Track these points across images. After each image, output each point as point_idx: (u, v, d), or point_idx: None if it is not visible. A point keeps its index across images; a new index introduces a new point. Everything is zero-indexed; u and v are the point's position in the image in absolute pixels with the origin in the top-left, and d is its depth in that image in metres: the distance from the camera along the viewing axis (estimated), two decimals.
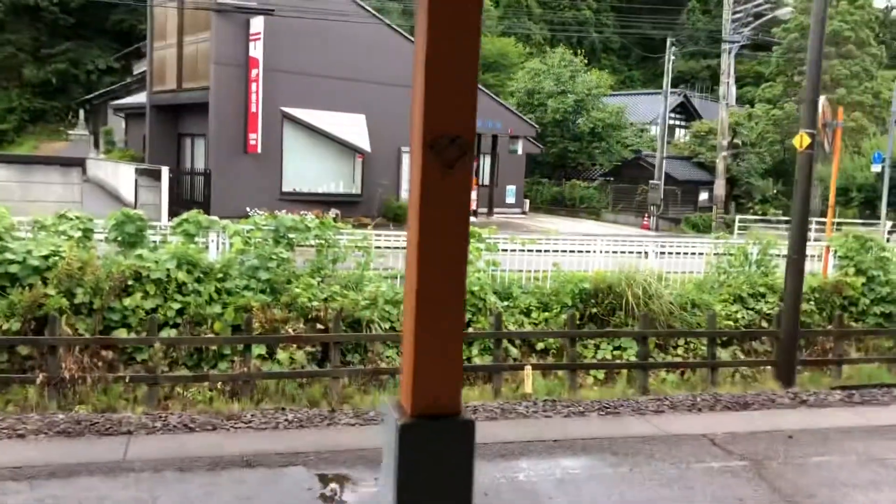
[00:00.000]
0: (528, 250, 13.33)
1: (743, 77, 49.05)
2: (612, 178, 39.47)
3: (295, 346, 10.14)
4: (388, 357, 10.83)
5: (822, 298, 13.74)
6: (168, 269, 10.28)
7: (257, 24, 23.48)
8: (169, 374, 9.29)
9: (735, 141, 34.90)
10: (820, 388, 10.18)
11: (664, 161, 35.00)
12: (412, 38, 27.64)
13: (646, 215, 34.07)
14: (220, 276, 10.81)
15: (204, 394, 9.24)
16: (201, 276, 10.66)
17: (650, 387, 10.49)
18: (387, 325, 11.15)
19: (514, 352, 11.44)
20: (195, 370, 9.77)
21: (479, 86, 26.91)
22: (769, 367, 11.23)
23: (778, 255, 14.40)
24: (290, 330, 10.29)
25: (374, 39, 26.07)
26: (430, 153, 1.87)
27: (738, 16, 26.09)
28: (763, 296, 13.45)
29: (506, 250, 13.21)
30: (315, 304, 10.78)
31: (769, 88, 41.83)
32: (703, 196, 37.69)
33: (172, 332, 10.06)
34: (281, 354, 10.10)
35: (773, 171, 40.04)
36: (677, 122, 45.72)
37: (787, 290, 10.78)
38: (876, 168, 28.75)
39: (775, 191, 39.91)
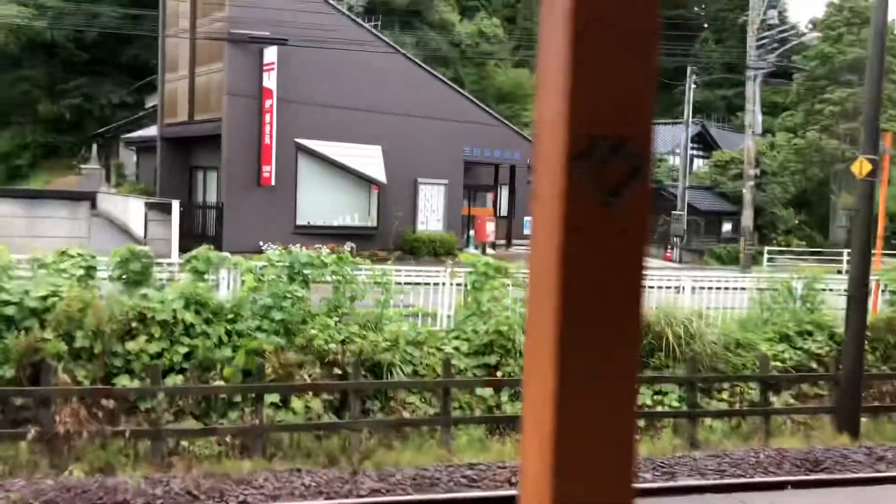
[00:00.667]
0: None
1: None
2: None
3: (311, 393, 9.32)
4: (410, 404, 10.00)
5: (875, 337, 12.77)
6: (175, 310, 9.54)
7: (271, 54, 22.98)
8: (173, 429, 8.47)
9: (755, 171, 34.09)
10: (888, 440, 9.22)
11: (686, 192, 34.19)
12: (428, 69, 27.18)
13: (668, 247, 33.18)
14: (230, 316, 10.06)
15: (212, 448, 8.42)
16: (210, 317, 9.92)
17: (698, 436, 9.58)
18: (409, 369, 10.34)
19: None
20: (203, 420, 8.96)
21: (496, 114, 26.01)
22: (826, 414, 10.28)
23: (824, 290, 13.52)
24: (305, 376, 9.48)
25: (390, 69, 25.54)
26: (578, 170, 1.04)
27: (762, 42, 25.44)
28: (811, 334, 12.52)
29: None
30: (332, 346, 9.98)
31: (790, 117, 41.10)
32: (727, 227, 36.75)
33: (179, 378, 9.28)
34: (295, 403, 9.28)
35: (796, 201, 39.16)
36: (695, 152, 44.95)
37: (848, 329, 9.88)
38: None
39: (797, 221, 39.00)
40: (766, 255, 29.47)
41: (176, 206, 20.96)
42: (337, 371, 9.73)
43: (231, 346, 9.72)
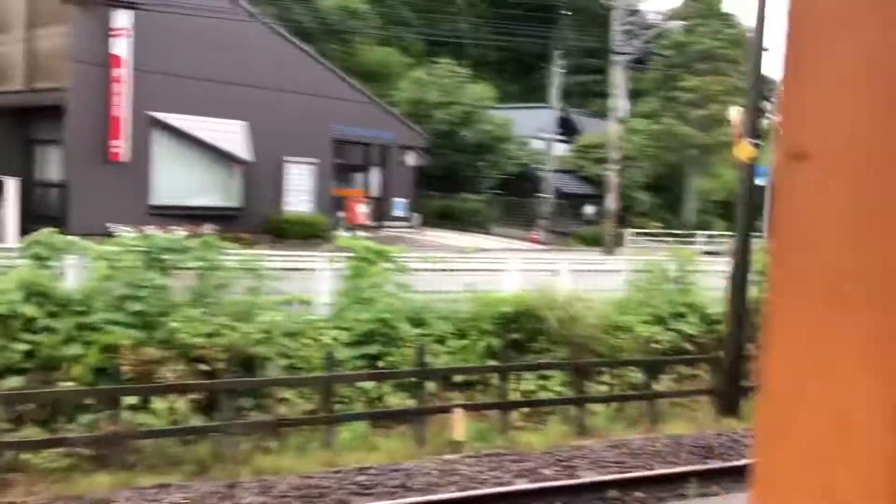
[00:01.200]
0: (441, 270, 12.06)
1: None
2: (500, 192, 39.00)
3: (176, 393, 8.40)
4: (286, 401, 9.25)
5: None
6: (12, 302, 8.34)
7: (121, 18, 21.11)
8: (11, 440, 7.34)
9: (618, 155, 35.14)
10: None
11: (551, 175, 34.83)
12: (296, 43, 25.91)
13: (535, 229, 33.70)
14: (80, 308, 8.97)
15: (60, 461, 7.36)
16: (56, 309, 8.81)
17: (586, 423, 9.42)
18: (285, 363, 9.58)
19: (430, 386, 10.11)
20: (48, 428, 7.86)
21: (366, 92, 25.18)
22: (706, 396, 10.43)
23: (694, 272, 13.84)
24: (168, 374, 8.54)
25: (256, 42, 24.16)
26: None
27: (627, 29, 26.07)
28: (683, 315, 12.74)
29: (416, 270, 11.88)
30: (198, 339, 9.06)
31: (647, 103, 42.65)
32: (590, 209, 37.79)
33: (18, 380, 8.12)
34: (158, 404, 8.33)
35: (652, 184, 40.84)
36: (559, 137, 46.00)
37: (731, 313, 10.03)
38: (760, 181, 29.46)
39: (653, 203, 40.71)
40: (627, 237, 30.47)
41: (12, 183, 18.90)
42: (204, 367, 8.84)
43: (81, 343, 8.64)
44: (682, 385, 11.19)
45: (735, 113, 11.41)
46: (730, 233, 32.85)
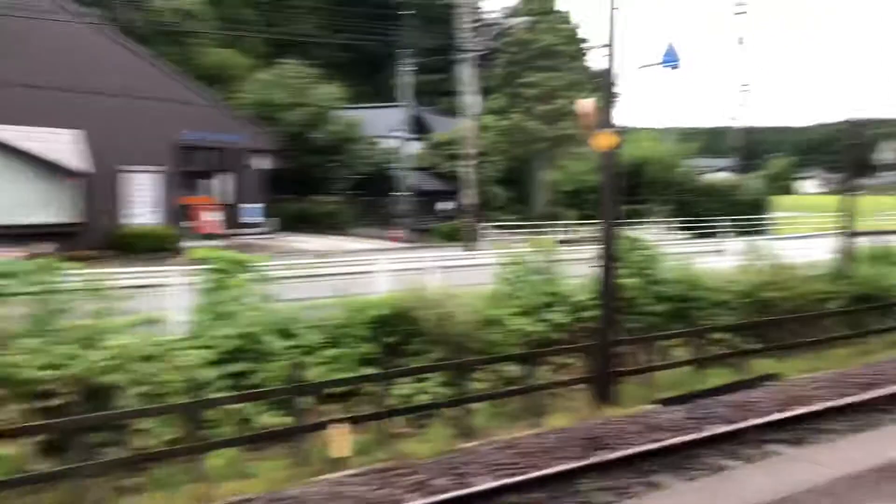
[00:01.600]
0: (307, 276, 11.54)
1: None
2: (356, 192, 38.50)
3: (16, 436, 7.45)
4: (146, 431, 8.45)
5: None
6: None
7: None
8: None
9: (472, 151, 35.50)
10: (642, 402, 9.57)
11: (406, 173, 34.76)
12: (133, 47, 24.23)
13: (395, 228, 33.51)
14: None
15: None
16: None
17: (468, 423, 9.21)
18: (141, 389, 8.75)
19: (306, 401, 9.57)
20: None
21: (210, 95, 24.14)
22: (582, 385, 10.49)
23: (556, 261, 14.02)
24: (4, 416, 7.56)
25: (89, 45, 22.43)
26: None
27: (476, 26, 26.30)
28: (551, 305, 12.86)
29: (280, 278, 11.30)
30: (40, 373, 8.11)
31: (495, 100, 43.47)
32: (445, 205, 38.04)
33: None
34: None
35: (505, 179, 41.69)
36: (411, 135, 46.10)
37: (603, 300, 10.12)
38: None
39: (507, 197, 41.58)
40: (485, 231, 30.83)
41: None
42: (51, 403, 7.92)
43: None
44: (556, 375, 11.24)
45: (584, 105, 11.57)
46: (580, 222, 34.08)
